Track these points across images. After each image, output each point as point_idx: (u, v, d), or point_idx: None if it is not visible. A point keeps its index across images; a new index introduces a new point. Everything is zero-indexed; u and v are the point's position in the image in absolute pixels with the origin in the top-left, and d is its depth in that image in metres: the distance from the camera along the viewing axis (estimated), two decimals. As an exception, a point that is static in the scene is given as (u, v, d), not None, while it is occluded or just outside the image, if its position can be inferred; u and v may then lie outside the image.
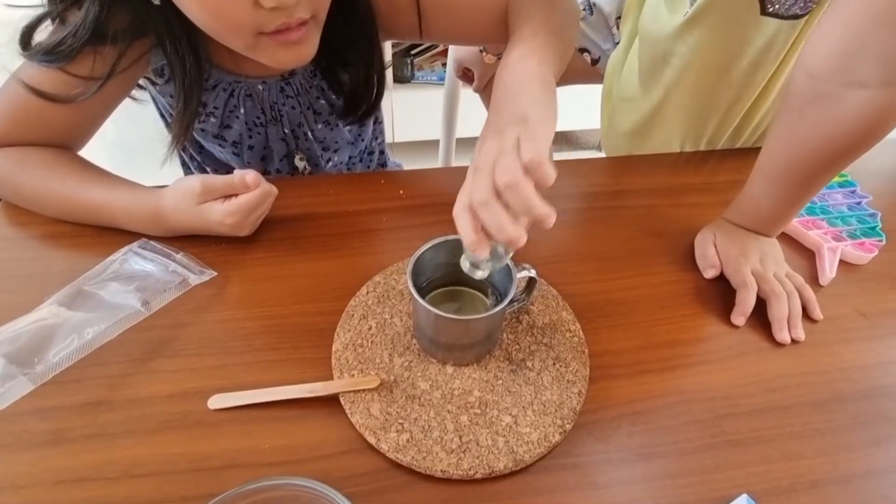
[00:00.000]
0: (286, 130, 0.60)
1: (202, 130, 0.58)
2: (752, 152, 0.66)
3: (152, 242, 0.47)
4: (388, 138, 1.66)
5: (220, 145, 0.59)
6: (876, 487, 0.36)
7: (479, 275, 0.36)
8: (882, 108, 0.38)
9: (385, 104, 0.66)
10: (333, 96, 0.59)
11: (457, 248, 0.40)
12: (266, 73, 0.55)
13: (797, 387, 0.41)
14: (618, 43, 0.71)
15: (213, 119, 0.56)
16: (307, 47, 0.45)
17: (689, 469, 0.36)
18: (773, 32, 0.53)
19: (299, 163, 0.63)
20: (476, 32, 0.57)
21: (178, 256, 0.46)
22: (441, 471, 0.34)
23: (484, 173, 0.33)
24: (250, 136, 0.59)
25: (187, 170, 0.68)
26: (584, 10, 0.72)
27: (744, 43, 0.54)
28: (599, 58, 0.76)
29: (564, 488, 0.34)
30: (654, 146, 0.67)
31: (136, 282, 0.44)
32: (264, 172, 0.62)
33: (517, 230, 0.32)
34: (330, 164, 0.66)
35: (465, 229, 0.33)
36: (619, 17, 0.70)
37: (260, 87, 0.55)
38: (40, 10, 0.43)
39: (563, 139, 1.69)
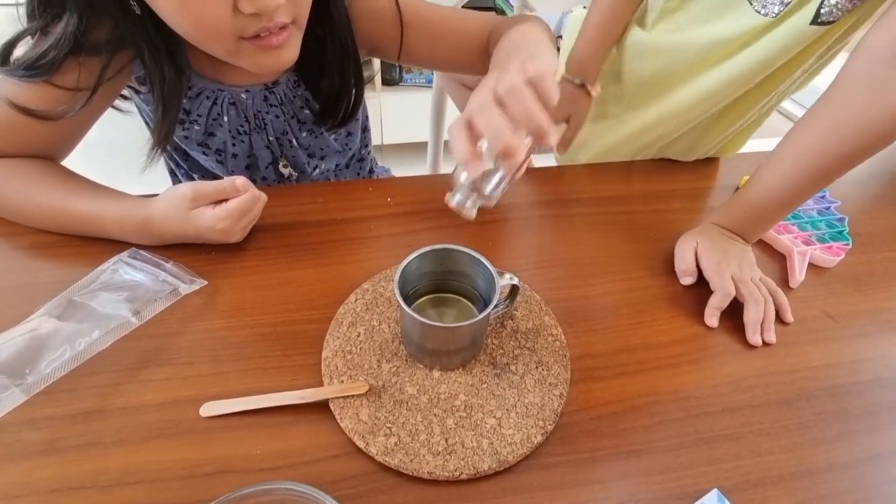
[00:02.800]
0: (270, 138, 0.60)
1: (186, 138, 0.58)
2: (728, 160, 0.69)
3: (142, 252, 0.48)
4: (377, 140, 1.67)
5: (203, 153, 0.60)
6: (838, 480, 0.38)
7: (466, 212, 0.34)
8: None
9: (373, 107, 0.67)
10: (318, 105, 0.60)
11: (443, 256, 0.41)
12: (249, 82, 0.55)
13: (766, 386, 0.43)
14: None
15: (196, 126, 0.56)
16: (288, 51, 0.46)
17: (664, 466, 0.38)
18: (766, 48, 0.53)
19: (284, 169, 0.64)
20: (457, 57, 0.59)
21: (169, 266, 0.47)
22: (428, 472, 0.35)
23: (485, 89, 0.32)
24: (234, 145, 0.59)
25: (174, 177, 0.68)
26: None
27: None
28: None
29: (546, 487, 0.36)
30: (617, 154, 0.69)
31: (126, 292, 0.44)
32: (251, 181, 0.63)
33: (516, 139, 0.31)
34: (317, 171, 0.67)
35: (459, 141, 0.32)
36: (559, 36, 0.73)
37: (244, 96, 0.56)
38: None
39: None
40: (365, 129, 0.71)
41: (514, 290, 0.43)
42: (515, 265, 0.51)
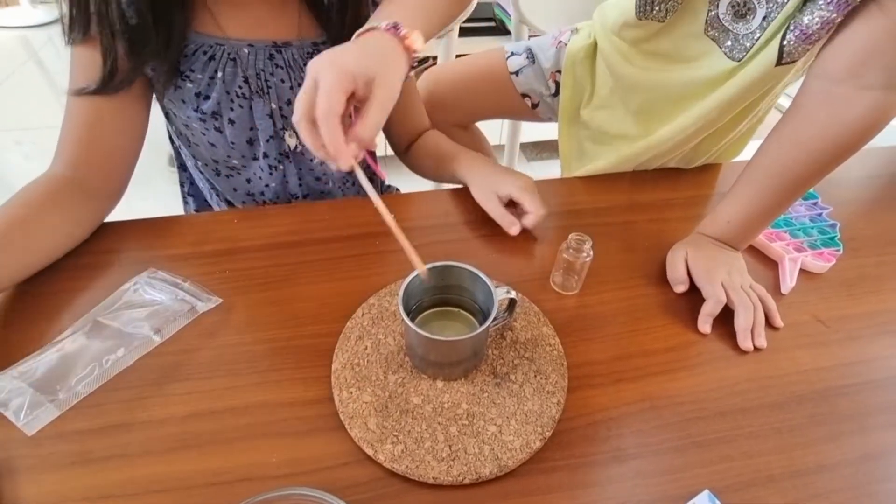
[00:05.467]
0: (273, 105, 0.56)
1: (183, 102, 0.54)
2: (716, 167, 0.71)
3: (161, 272, 0.51)
4: (381, 152, 1.69)
5: (201, 119, 0.56)
6: (828, 480, 0.40)
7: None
8: (883, 107, 0.45)
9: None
10: None
11: (444, 272, 0.44)
12: (253, 36, 0.53)
13: (758, 390, 0.45)
14: (555, 92, 0.77)
15: (189, 84, 0.53)
16: None
17: (658, 469, 0.40)
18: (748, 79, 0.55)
19: (290, 140, 0.59)
20: (406, 128, 0.69)
21: (186, 285, 0.50)
22: (433, 478, 0.38)
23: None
24: (232, 109, 0.55)
25: (183, 171, 0.67)
26: (526, 58, 0.78)
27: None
28: (539, 102, 0.81)
29: (545, 490, 0.38)
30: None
31: (148, 311, 0.47)
32: (250, 157, 0.60)
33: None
34: (315, 160, 0.62)
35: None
36: (558, 71, 0.76)
37: (245, 51, 0.53)
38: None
39: (549, 147, 1.74)
40: (370, 151, 0.71)
41: (512, 303, 0.45)
42: (515, 277, 0.53)
